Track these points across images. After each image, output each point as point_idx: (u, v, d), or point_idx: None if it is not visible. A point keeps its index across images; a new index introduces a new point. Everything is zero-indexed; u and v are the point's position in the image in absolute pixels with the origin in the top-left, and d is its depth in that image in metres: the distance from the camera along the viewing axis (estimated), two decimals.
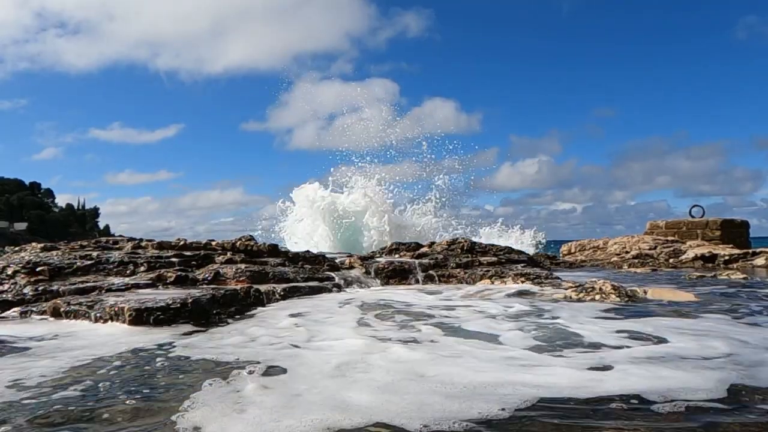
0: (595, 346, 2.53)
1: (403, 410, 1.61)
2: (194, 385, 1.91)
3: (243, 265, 5.08)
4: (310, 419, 1.54)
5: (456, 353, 2.33)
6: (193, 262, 5.18)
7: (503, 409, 1.64)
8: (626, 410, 1.65)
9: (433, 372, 2.01)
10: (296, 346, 2.51)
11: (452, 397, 1.72)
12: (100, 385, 1.95)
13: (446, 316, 3.37)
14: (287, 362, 2.19)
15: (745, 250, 9.45)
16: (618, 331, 2.81)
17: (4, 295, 3.88)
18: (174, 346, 2.58)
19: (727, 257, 8.85)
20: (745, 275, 6.29)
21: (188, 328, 3.11)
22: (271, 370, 2.09)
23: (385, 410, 1.61)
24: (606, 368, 2.10)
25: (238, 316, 3.54)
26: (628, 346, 2.49)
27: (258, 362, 2.22)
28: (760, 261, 8.56)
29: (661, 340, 2.62)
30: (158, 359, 2.34)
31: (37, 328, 3.13)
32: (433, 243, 7.60)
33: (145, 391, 1.87)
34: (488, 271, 5.96)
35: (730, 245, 10.72)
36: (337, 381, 1.91)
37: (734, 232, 12.91)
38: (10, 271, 4.32)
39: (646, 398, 1.74)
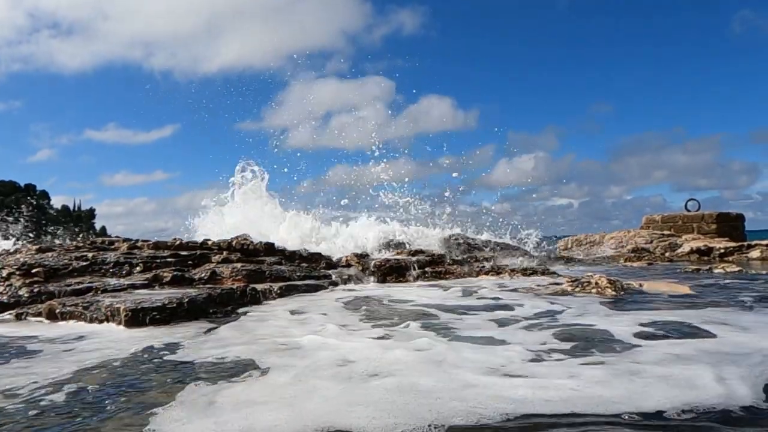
0: (590, 342, 2.52)
1: (365, 426, 1.50)
2: (178, 387, 1.90)
3: (239, 264, 5.08)
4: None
5: (444, 357, 2.23)
6: (190, 262, 5.18)
7: (492, 421, 1.52)
8: (637, 424, 1.48)
9: (415, 379, 1.90)
10: (284, 347, 2.49)
11: (431, 408, 1.60)
12: (89, 387, 1.95)
13: (440, 315, 3.36)
14: (271, 364, 2.18)
15: (740, 243, 9.50)
16: (617, 328, 2.76)
17: None
18: (167, 347, 2.57)
19: (722, 250, 8.89)
20: (740, 268, 6.32)
21: (184, 327, 3.11)
22: (254, 372, 2.07)
23: (342, 422, 1.53)
24: (606, 371, 1.97)
25: (234, 316, 3.53)
26: (628, 344, 2.43)
27: (244, 362, 2.22)
28: (755, 254, 8.60)
29: (661, 336, 2.62)
30: (151, 360, 2.34)
31: (32, 331, 3.12)
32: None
33: (130, 394, 1.85)
34: (484, 267, 5.97)
35: (726, 238, 10.76)
36: (307, 387, 1.85)
37: (730, 225, 12.95)
38: (5, 273, 4.31)
39: (658, 406, 1.59)
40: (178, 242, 5.78)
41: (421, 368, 2.06)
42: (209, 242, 5.90)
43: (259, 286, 4.37)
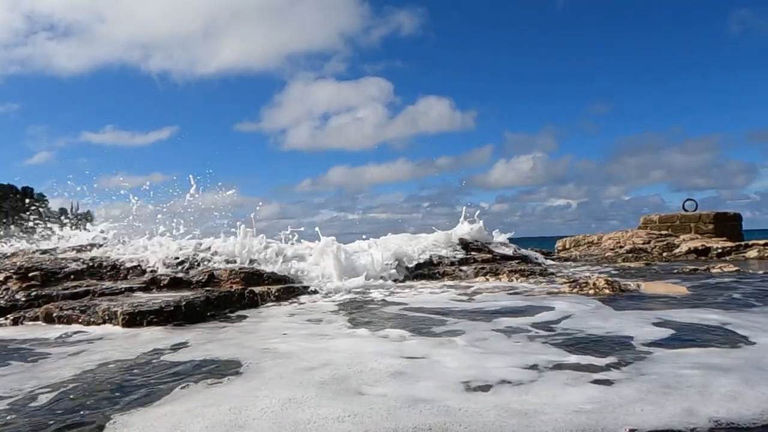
0: (589, 345, 2.51)
1: None
2: (155, 395, 1.88)
3: (237, 267, 5.07)
4: None
5: (428, 364, 2.14)
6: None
7: None
8: None
9: (387, 390, 1.82)
10: (272, 353, 2.45)
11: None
12: (78, 390, 1.96)
13: (434, 318, 3.33)
14: (251, 370, 2.16)
15: (737, 243, 9.51)
16: (616, 331, 2.76)
17: None
18: (159, 351, 2.56)
19: (720, 250, 8.91)
20: (737, 268, 6.33)
21: (181, 330, 3.10)
22: (232, 377, 2.05)
23: None
24: (605, 383, 1.86)
25: (231, 319, 3.53)
26: (629, 348, 2.40)
27: (227, 368, 2.20)
28: (752, 253, 8.62)
29: (661, 340, 2.62)
30: (140, 364, 2.33)
31: (29, 334, 3.11)
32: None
33: (107, 400, 1.84)
34: (483, 268, 5.97)
35: (724, 238, 10.77)
36: (268, 397, 1.79)
37: (727, 225, 12.97)
38: (2, 277, 4.29)
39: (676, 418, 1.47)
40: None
41: (405, 376, 1.97)
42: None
43: (257, 289, 4.36)
